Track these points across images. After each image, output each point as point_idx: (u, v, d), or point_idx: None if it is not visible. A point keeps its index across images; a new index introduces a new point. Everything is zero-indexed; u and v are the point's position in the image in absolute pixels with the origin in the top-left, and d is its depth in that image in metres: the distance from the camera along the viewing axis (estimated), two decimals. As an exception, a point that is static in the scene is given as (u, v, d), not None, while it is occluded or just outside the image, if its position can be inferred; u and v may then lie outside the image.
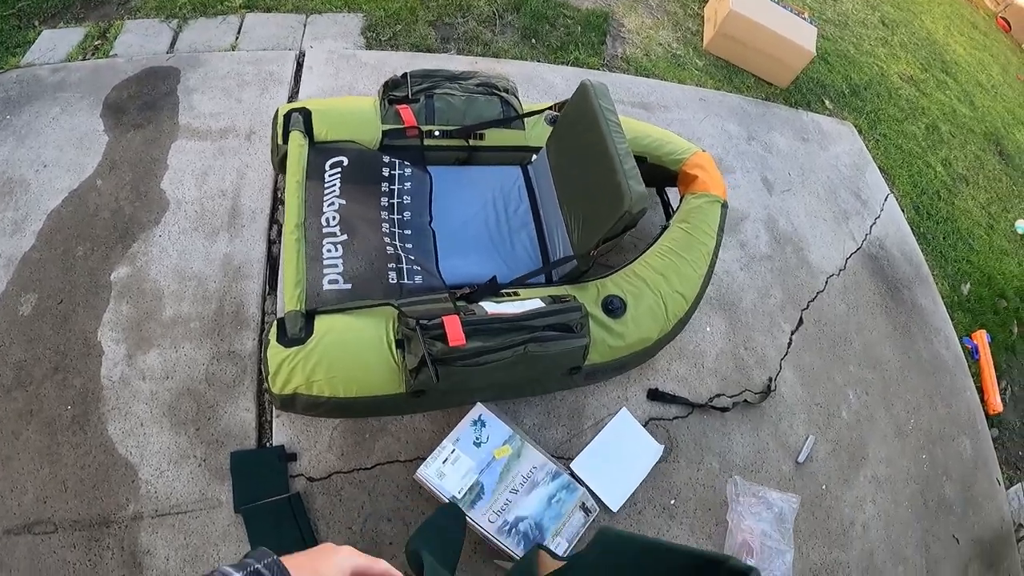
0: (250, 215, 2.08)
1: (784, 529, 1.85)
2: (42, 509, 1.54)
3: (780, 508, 1.88)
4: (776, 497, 1.90)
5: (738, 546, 1.81)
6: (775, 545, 1.81)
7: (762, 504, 1.88)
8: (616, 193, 1.51)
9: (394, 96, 1.89)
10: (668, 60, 3.21)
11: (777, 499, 1.89)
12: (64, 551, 1.50)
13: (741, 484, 1.90)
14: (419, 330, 1.39)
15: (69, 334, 1.79)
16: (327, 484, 1.66)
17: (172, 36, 2.60)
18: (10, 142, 2.16)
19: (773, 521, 1.85)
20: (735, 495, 1.89)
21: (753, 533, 1.82)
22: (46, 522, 1.53)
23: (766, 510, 1.88)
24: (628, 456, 1.88)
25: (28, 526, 1.52)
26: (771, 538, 1.82)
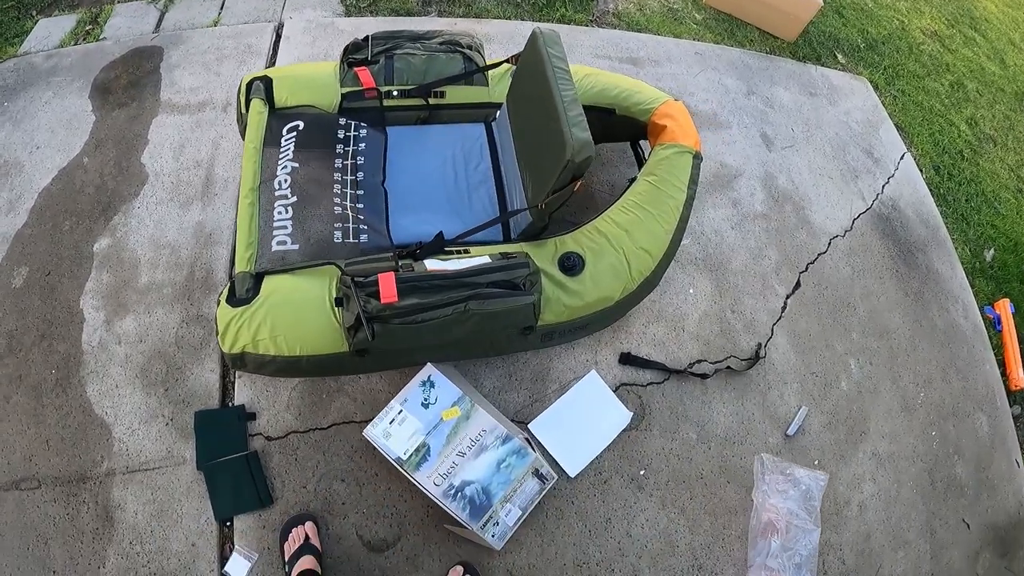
0: (222, 183, 2.12)
1: (811, 507, 1.81)
2: (28, 466, 1.63)
3: (808, 486, 1.84)
4: (804, 474, 1.85)
5: (763, 525, 1.77)
6: (801, 524, 1.78)
7: (789, 482, 1.84)
8: (560, 142, 1.45)
9: (354, 59, 1.87)
10: (663, 15, 3.08)
11: (805, 476, 1.84)
12: (47, 505, 1.58)
13: (768, 462, 1.86)
14: (354, 288, 1.37)
15: (55, 303, 1.87)
16: (284, 443, 1.69)
17: (159, 16, 2.67)
18: (7, 127, 2.26)
19: (800, 499, 1.82)
20: (761, 473, 1.85)
21: (779, 512, 1.79)
22: (31, 478, 1.62)
23: (792, 488, 1.83)
24: (593, 421, 1.83)
25: (16, 483, 1.61)
26: (798, 516, 1.79)
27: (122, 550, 1.54)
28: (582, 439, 1.80)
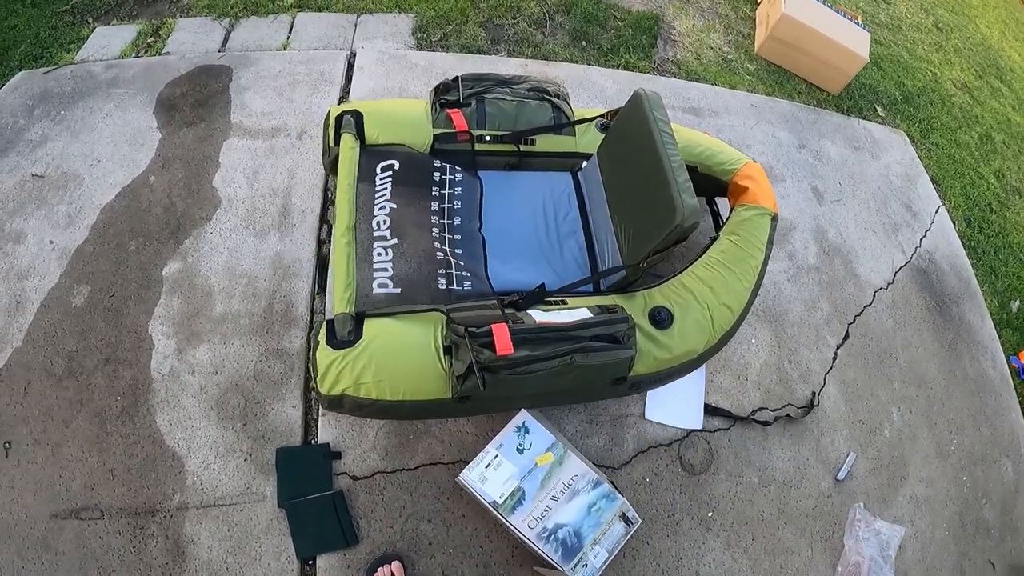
0: (300, 215, 2.11)
1: (887, 556, 1.96)
2: (89, 495, 1.60)
3: (887, 536, 1.99)
4: (883, 526, 2.00)
5: (850, 567, 1.92)
6: (878, 569, 1.92)
7: (871, 532, 1.98)
8: (669, 206, 1.50)
9: (445, 100, 1.89)
10: (719, 64, 3.17)
11: (884, 528, 2.00)
12: (110, 537, 1.55)
13: (861, 512, 2.00)
14: (468, 337, 1.39)
15: (120, 327, 1.84)
16: (370, 483, 1.69)
17: (224, 34, 2.65)
18: (64, 137, 2.23)
19: (879, 547, 1.97)
20: (854, 520, 1.99)
21: (863, 556, 1.93)
22: (93, 508, 1.59)
23: (874, 536, 1.97)
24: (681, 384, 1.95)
25: (75, 511, 1.58)
26: (876, 563, 1.93)
27: (194, 586, 1.51)
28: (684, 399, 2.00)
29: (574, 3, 3.12)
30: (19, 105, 2.32)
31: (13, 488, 1.60)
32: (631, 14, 3.20)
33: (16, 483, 1.60)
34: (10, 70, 2.46)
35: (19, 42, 2.55)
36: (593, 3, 3.17)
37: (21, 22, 2.63)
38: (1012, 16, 4.92)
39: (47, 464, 1.63)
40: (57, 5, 2.71)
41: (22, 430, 1.67)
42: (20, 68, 2.46)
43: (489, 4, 3.00)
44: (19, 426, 1.68)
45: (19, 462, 1.63)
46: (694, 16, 3.39)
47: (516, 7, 3.02)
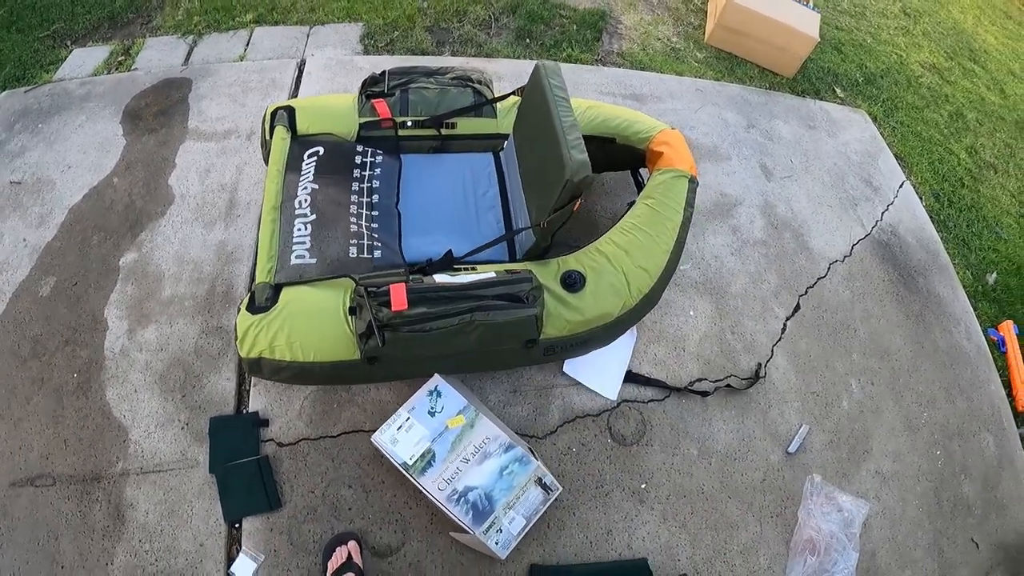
0: (245, 206, 2.24)
1: (850, 533, 1.88)
2: (44, 464, 1.70)
3: (850, 512, 1.92)
4: (847, 501, 1.93)
5: (803, 543, 1.85)
6: (841, 548, 1.85)
7: (832, 505, 1.92)
8: (559, 163, 1.54)
9: (371, 91, 2.00)
10: (666, 54, 3.21)
11: (848, 503, 1.93)
12: (59, 502, 1.65)
13: (817, 483, 1.94)
14: (367, 297, 1.46)
15: (80, 312, 1.97)
16: (294, 449, 1.75)
17: (187, 50, 2.85)
18: (40, 147, 2.42)
19: (841, 524, 1.89)
20: (809, 493, 1.93)
21: (820, 532, 1.86)
22: (46, 476, 1.69)
23: (835, 512, 1.91)
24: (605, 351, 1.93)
25: (31, 479, 1.68)
26: (837, 539, 1.86)
27: (131, 548, 1.59)
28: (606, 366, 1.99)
29: (520, 4, 3.22)
30: (1, 120, 2.53)
31: None
32: (577, 11, 3.28)
33: None
34: None
35: (3, 64, 2.79)
36: (539, 3, 3.27)
37: (6, 47, 2.88)
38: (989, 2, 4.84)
39: (9, 437, 1.74)
40: (39, 31, 2.95)
41: None
42: (3, 88, 2.69)
43: (436, 10, 3.13)
44: None
45: None
46: (643, 11, 3.46)
47: (462, 11, 3.14)
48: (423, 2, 3.15)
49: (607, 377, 1.98)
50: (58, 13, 3.05)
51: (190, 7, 3.00)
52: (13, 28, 2.98)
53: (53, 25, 2.99)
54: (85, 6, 3.08)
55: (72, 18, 3.03)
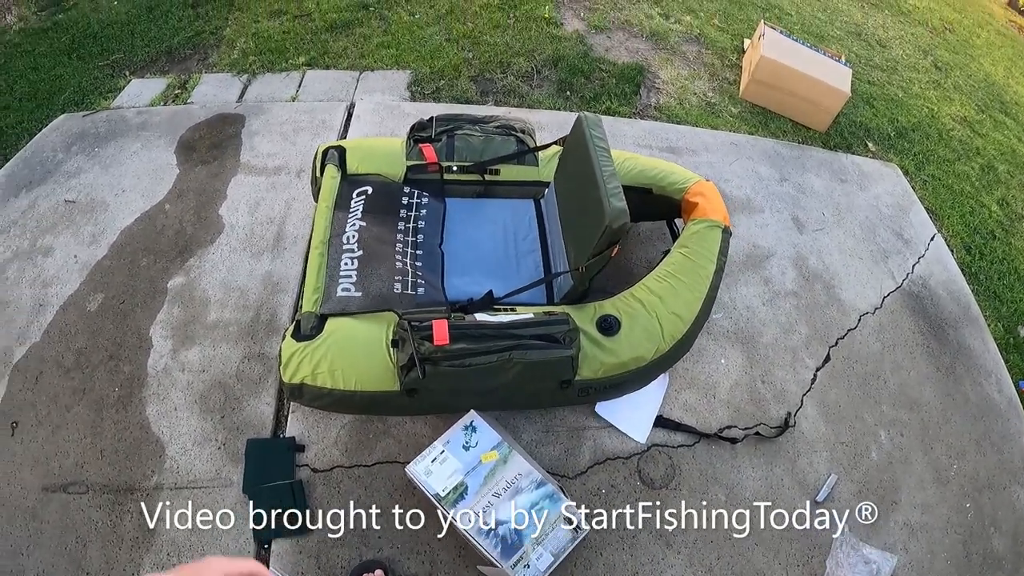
0: (292, 240, 2.33)
1: None
2: (79, 472, 1.76)
3: (877, 564, 1.89)
4: (874, 553, 1.91)
5: None
6: None
7: (859, 557, 1.90)
8: (599, 209, 1.61)
9: (419, 136, 2.11)
10: (702, 108, 3.30)
11: (875, 555, 1.91)
12: (91, 510, 1.70)
13: (847, 535, 1.93)
14: (410, 330, 1.51)
15: (126, 329, 2.06)
16: (328, 476, 1.79)
17: (242, 88, 3.02)
18: (96, 170, 2.56)
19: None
20: (838, 544, 1.92)
21: None
22: (80, 483, 1.74)
23: (863, 563, 1.89)
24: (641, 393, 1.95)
25: (64, 486, 1.73)
26: None
27: (159, 560, 1.62)
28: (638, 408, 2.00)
29: (561, 58, 3.35)
30: (59, 142, 2.69)
31: (13, 462, 1.78)
32: (616, 66, 3.40)
33: (16, 458, 1.79)
34: (54, 112, 2.87)
35: (63, 89, 2.98)
36: (580, 57, 3.40)
37: (67, 72, 3.08)
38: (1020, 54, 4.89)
39: (46, 443, 1.81)
40: (99, 59, 3.16)
41: (29, 413, 1.88)
42: (63, 111, 2.86)
43: (481, 61, 3.27)
44: (27, 409, 1.88)
45: (22, 440, 1.82)
46: (680, 66, 3.56)
47: (506, 63, 3.28)
48: (468, 53, 3.29)
49: (638, 420, 2.00)
50: (118, 44, 3.26)
51: (246, 47, 3.19)
52: (74, 55, 3.19)
53: (113, 55, 3.19)
54: (144, 39, 3.29)
55: (131, 50, 3.24)
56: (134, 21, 3.45)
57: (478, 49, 3.35)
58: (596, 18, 3.73)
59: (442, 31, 3.47)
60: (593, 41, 3.60)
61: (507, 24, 3.54)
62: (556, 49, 3.43)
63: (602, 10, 3.81)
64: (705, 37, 3.81)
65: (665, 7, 4.01)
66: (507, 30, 3.50)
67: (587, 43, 3.56)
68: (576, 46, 3.50)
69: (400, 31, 3.43)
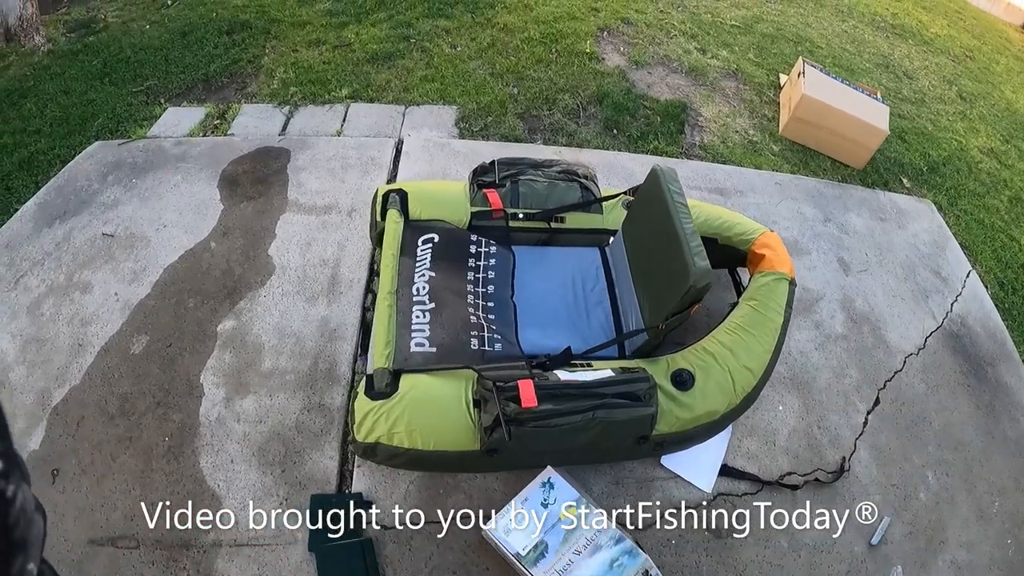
0: (347, 284, 2.28)
1: None
2: (128, 525, 1.68)
3: None
4: None
5: None
6: None
7: None
8: (682, 269, 1.61)
9: (482, 181, 2.08)
10: (744, 146, 3.32)
11: None
12: (143, 566, 1.63)
13: None
14: (495, 391, 1.50)
15: (174, 374, 1.99)
16: (398, 533, 1.75)
17: (284, 120, 2.96)
18: (134, 202, 2.48)
19: None
20: None
21: None
22: (130, 538, 1.66)
23: None
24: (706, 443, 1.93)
25: (112, 539, 1.66)
26: None
27: (217, 624, 1.57)
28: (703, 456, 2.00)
29: (606, 94, 3.35)
30: (94, 171, 2.61)
31: (55, 512, 1.69)
32: (659, 103, 3.41)
33: (59, 508, 1.71)
34: (87, 139, 2.78)
35: (97, 115, 2.90)
36: (623, 94, 3.40)
37: (100, 97, 3.00)
38: (1038, 79, 4.99)
39: (91, 493, 1.74)
40: (133, 85, 3.09)
41: (70, 460, 1.80)
42: (96, 138, 2.78)
43: (527, 97, 3.27)
44: (68, 456, 1.81)
45: (64, 489, 1.75)
46: (720, 103, 3.58)
47: (552, 99, 3.28)
48: (513, 88, 3.29)
49: (704, 470, 2.00)
50: (152, 70, 3.19)
51: (286, 77, 3.15)
52: (107, 80, 3.11)
53: (147, 81, 3.13)
54: (179, 66, 3.23)
55: (166, 76, 3.17)
56: (167, 46, 3.39)
57: (523, 84, 3.35)
58: (636, 53, 3.75)
59: (485, 65, 3.47)
60: (634, 77, 3.62)
61: (549, 59, 3.54)
62: (600, 85, 3.44)
63: (641, 44, 3.83)
64: (742, 72, 3.84)
65: (702, 41, 4.05)
66: (550, 65, 3.50)
67: (629, 79, 3.58)
68: (619, 82, 3.52)
69: (443, 64, 3.42)
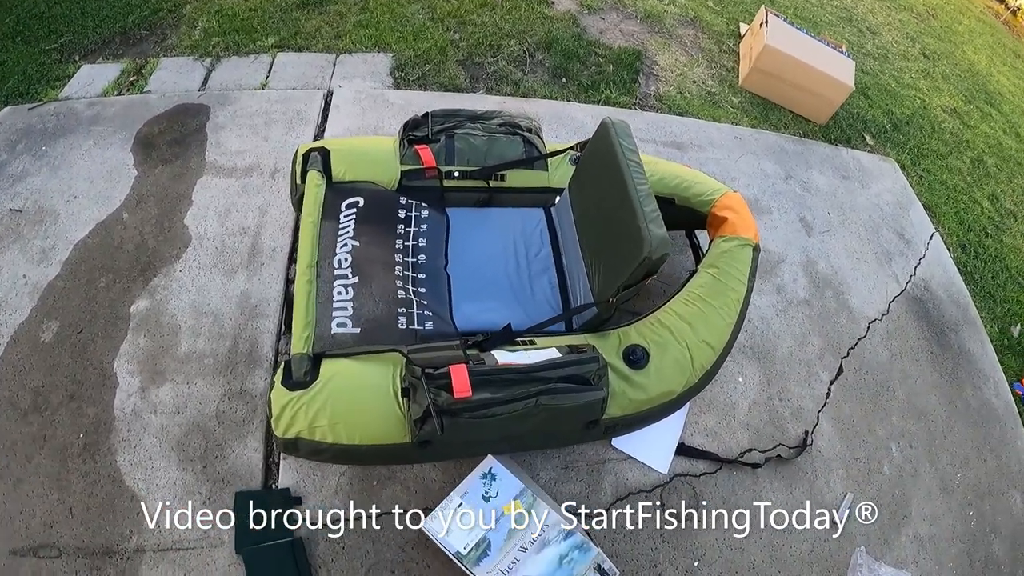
0: (269, 253, 2.08)
1: None
2: (48, 533, 1.56)
3: None
4: (888, 572, 1.89)
5: None
6: None
7: None
8: (636, 238, 1.44)
9: (414, 136, 1.87)
10: (703, 98, 3.16)
11: (889, 573, 1.88)
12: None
13: (863, 557, 1.89)
14: (424, 379, 1.33)
15: (87, 363, 1.82)
16: (331, 531, 1.62)
17: (205, 74, 2.68)
18: (44, 172, 2.24)
19: None
20: (856, 565, 1.88)
21: None
22: (51, 547, 1.54)
23: None
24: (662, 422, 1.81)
25: (34, 549, 1.54)
26: None
27: (147, 637, 1.44)
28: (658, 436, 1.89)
29: (555, 40, 3.14)
30: (2, 139, 2.35)
31: None
32: (612, 50, 3.21)
33: None
34: None
35: (7, 77, 2.60)
36: (574, 40, 3.19)
37: (10, 58, 2.69)
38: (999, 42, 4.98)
39: (8, 500, 1.59)
40: (46, 43, 2.77)
41: None
42: (6, 103, 2.50)
43: (469, 43, 3.02)
44: None
45: None
46: (677, 51, 3.40)
47: (496, 45, 3.05)
48: (455, 34, 3.03)
49: (659, 450, 1.89)
50: (67, 25, 2.87)
51: (208, 27, 2.84)
52: (19, 39, 2.79)
53: (61, 38, 2.80)
54: (96, 19, 2.90)
55: (82, 31, 2.85)
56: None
57: (465, 30, 3.09)
58: (588, -3, 3.51)
59: (425, 9, 3.19)
60: (586, 22, 3.39)
61: (495, 3, 3.28)
62: (548, 31, 3.21)
63: (594, -12, 3.58)
64: (700, 20, 3.64)
65: (658, -14, 3.81)
66: (495, 9, 3.25)
67: (580, 24, 3.36)
68: (569, 28, 3.29)
69: (379, 9, 3.14)
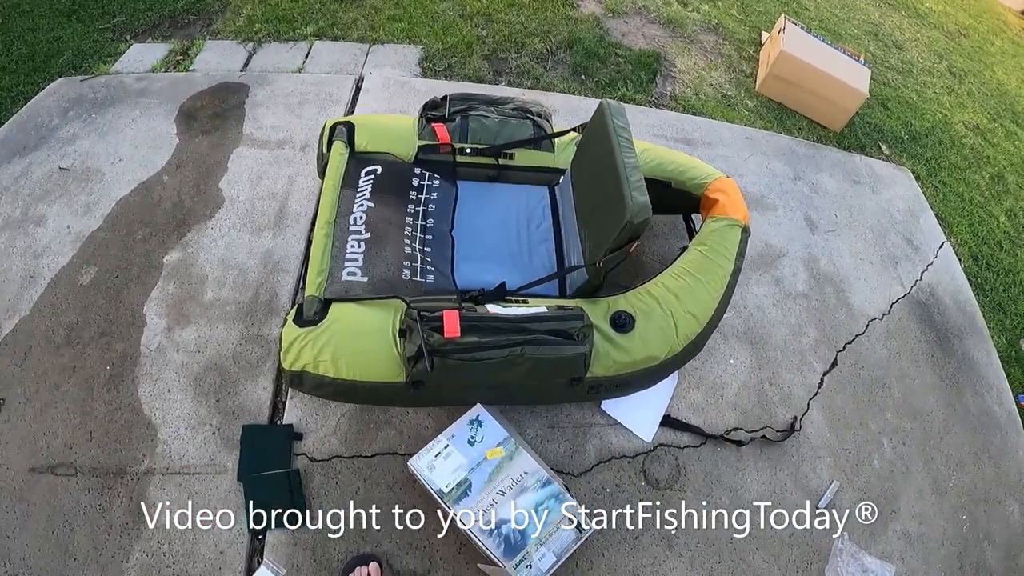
0: (294, 217, 2.25)
1: None
2: (67, 454, 1.69)
3: (875, 574, 1.89)
4: (873, 563, 1.91)
5: None
6: None
7: (858, 566, 1.89)
8: (619, 203, 1.54)
9: (432, 115, 2.02)
10: (718, 100, 3.23)
11: (874, 565, 1.91)
12: (79, 493, 1.63)
13: (846, 543, 1.92)
14: (419, 321, 1.45)
15: (119, 305, 1.98)
16: (326, 466, 1.74)
17: (246, 57, 2.90)
18: (92, 137, 2.45)
19: None
20: (838, 551, 1.90)
21: None
22: (68, 465, 1.68)
23: (861, 573, 1.88)
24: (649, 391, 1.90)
25: (52, 467, 1.67)
26: None
27: (149, 548, 1.57)
28: (645, 405, 1.96)
29: (577, 40, 3.26)
30: (55, 106, 2.57)
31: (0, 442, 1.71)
32: (632, 52, 3.32)
33: (3, 437, 1.72)
34: (51, 76, 2.74)
35: (62, 52, 2.85)
36: (596, 41, 3.31)
37: (66, 34, 2.94)
38: (1033, 64, 4.89)
39: (34, 422, 1.74)
40: (100, 22, 3.02)
41: (17, 390, 1.80)
42: (60, 75, 2.73)
43: (495, 39, 3.18)
44: (15, 386, 1.80)
45: (9, 418, 1.75)
46: (696, 55, 3.49)
47: (521, 43, 3.19)
48: (482, 30, 3.19)
49: (645, 419, 1.96)
50: (120, 7, 3.12)
51: (252, 14, 3.06)
52: (74, 17, 3.06)
53: (114, 18, 3.06)
54: (147, 3, 3.16)
55: (133, 14, 3.10)
56: (136, -17, 3.31)
57: (492, 27, 3.25)
58: (613, 1, 3.64)
59: (456, 7, 3.37)
60: (610, 25, 3.52)
61: (523, 3, 3.44)
62: (572, 31, 3.35)
63: (619, -7, 3.72)
64: (723, 27, 3.73)
65: (683, -7, 3.93)
66: (522, 9, 3.41)
67: (604, 27, 3.48)
68: (592, 29, 3.42)
69: (412, 4, 3.33)
